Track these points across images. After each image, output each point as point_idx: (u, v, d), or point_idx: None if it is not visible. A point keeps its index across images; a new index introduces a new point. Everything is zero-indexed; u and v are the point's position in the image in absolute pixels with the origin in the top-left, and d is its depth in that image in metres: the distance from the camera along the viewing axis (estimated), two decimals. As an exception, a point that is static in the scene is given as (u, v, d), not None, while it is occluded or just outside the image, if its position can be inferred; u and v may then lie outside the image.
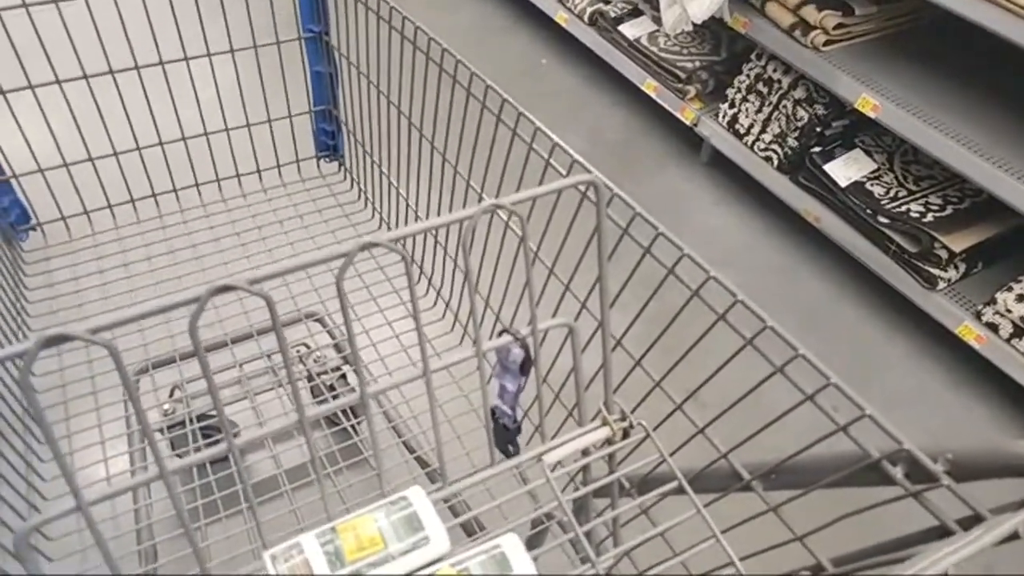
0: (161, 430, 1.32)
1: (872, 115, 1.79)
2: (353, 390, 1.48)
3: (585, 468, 0.70)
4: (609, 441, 0.67)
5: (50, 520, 0.45)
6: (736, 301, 0.61)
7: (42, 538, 0.85)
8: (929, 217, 1.81)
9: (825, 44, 1.91)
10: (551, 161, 0.78)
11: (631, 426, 0.67)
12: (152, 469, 0.51)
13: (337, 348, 1.41)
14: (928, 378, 1.84)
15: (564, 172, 0.78)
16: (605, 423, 0.66)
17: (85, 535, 0.86)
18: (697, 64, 2.31)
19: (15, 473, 0.83)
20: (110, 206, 1.19)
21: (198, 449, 1.27)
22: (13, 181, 1.13)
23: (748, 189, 2.27)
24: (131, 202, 1.21)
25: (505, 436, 0.71)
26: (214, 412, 1.34)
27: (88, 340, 0.42)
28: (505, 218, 0.91)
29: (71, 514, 0.46)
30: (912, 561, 0.43)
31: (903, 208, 1.84)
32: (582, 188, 0.71)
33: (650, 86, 2.40)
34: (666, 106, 2.38)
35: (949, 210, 1.83)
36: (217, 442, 1.18)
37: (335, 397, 1.40)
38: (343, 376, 1.51)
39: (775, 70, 2.10)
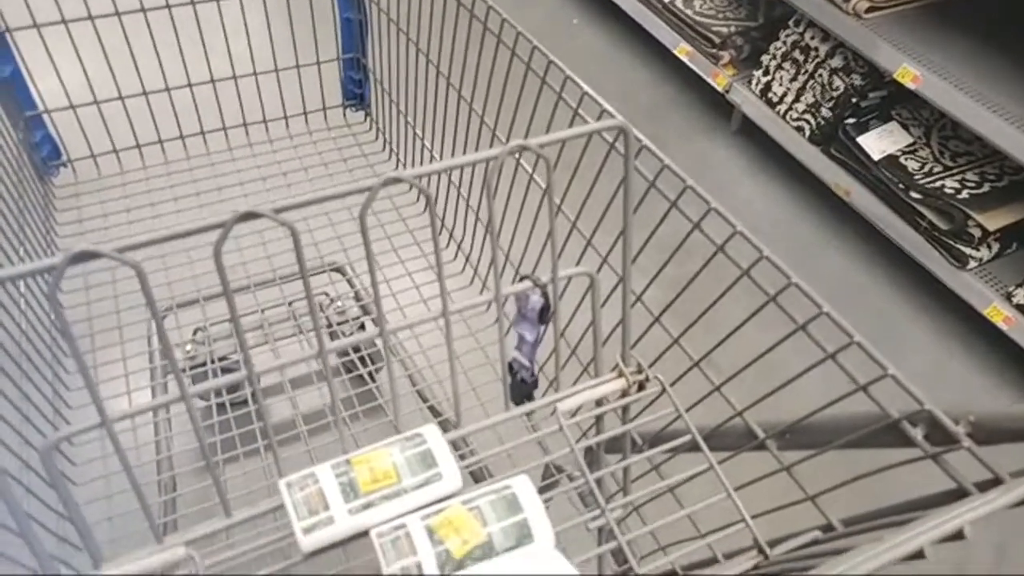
0: (183, 371, 1.34)
1: (912, 86, 1.75)
2: (374, 344, 1.48)
3: (599, 419, 0.70)
4: (624, 393, 0.67)
5: (75, 433, 0.47)
6: (761, 256, 0.61)
7: (67, 464, 0.88)
8: (964, 194, 1.77)
9: (867, 11, 1.86)
10: (580, 111, 0.77)
11: (647, 379, 0.67)
12: (174, 393, 0.52)
13: (357, 298, 1.42)
14: (952, 359, 1.82)
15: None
16: (621, 375, 0.66)
17: (108, 462, 0.89)
18: (732, 29, 2.26)
19: (43, 398, 0.85)
20: (139, 146, 1.20)
21: (219, 392, 1.29)
22: (45, 116, 1.14)
23: (777, 159, 2.24)
24: (159, 143, 1.21)
25: (522, 390, 0.71)
26: (235, 355, 1.36)
27: (115, 258, 0.43)
28: (530, 168, 0.90)
29: (95, 429, 0.47)
30: (927, 518, 0.43)
31: (937, 184, 1.81)
32: (611, 135, 0.70)
33: (683, 50, 2.36)
34: (698, 71, 2.34)
35: (986, 187, 1.79)
36: (238, 386, 1.20)
37: (356, 348, 1.41)
38: (362, 326, 1.52)
39: (813, 37, 2.05)
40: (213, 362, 1.31)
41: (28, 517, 0.45)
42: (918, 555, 0.42)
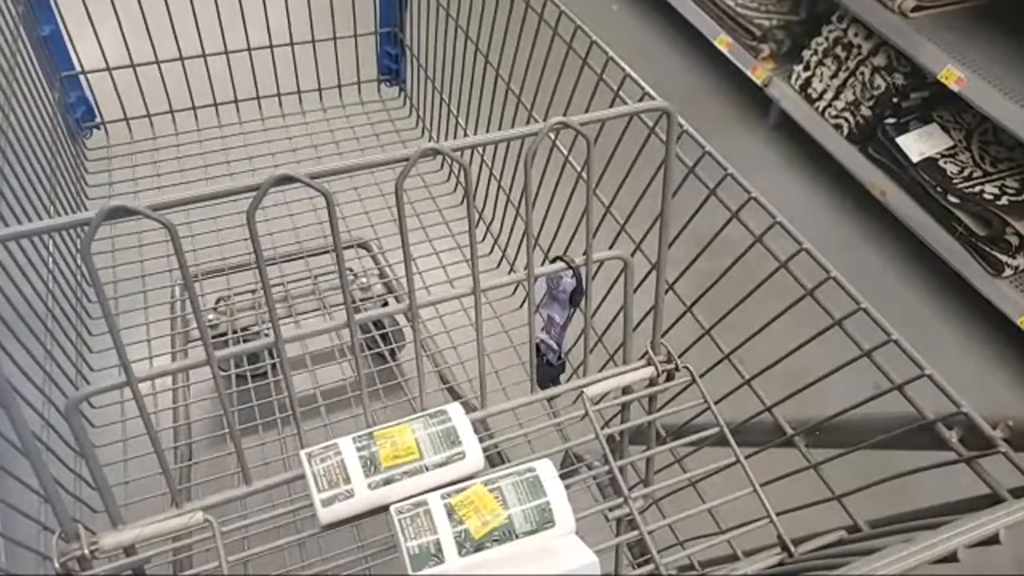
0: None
1: (956, 88, 1.70)
2: (396, 323, 1.47)
3: (624, 407, 0.69)
4: (652, 382, 0.66)
5: (101, 390, 0.46)
6: (801, 249, 0.59)
7: (86, 426, 0.88)
8: (1004, 200, 1.73)
9: (914, 10, 1.82)
10: (620, 93, 0.75)
11: (676, 369, 0.65)
12: (198, 359, 0.52)
13: (382, 275, 1.42)
14: (982, 367, 1.79)
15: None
16: (650, 363, 0.65)
17: (127, 427, 0.89)
18: (774, 22, 2.22)
19: (66, 358, 0.85)
20: (172, 111, 1.20)
21: (239, 364, 1.29)
22: (81, 77, 1.14)
23: (814, 157, 2.20)
24: (192, 109, 1.21)
25: (548, 373, 0.70)
26: (256, 327, 1.36)
27: (149, 216, 0.42)
28: (565, 149, 0.89)
29: (119, 388, 0.47)
30: (961, 521, 0.42)
31: (976, 189, 1.77)
32: (651, 119, 0.69)
33: (723, 41, 2.32)
34: (738, 64, 2.31)
35: (1026, 195, 1.75)
36: (256, 357, 1.19)
37: (377, 326, 1.41)
38: (385, 304, 1.52)
39: (856, 34, 2.01)
40: (235, 332, 1.31)
41: (54, 481, 0.45)
42: (951, 558, 0.41)
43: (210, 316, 1.36)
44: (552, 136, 0.87)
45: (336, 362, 1.11)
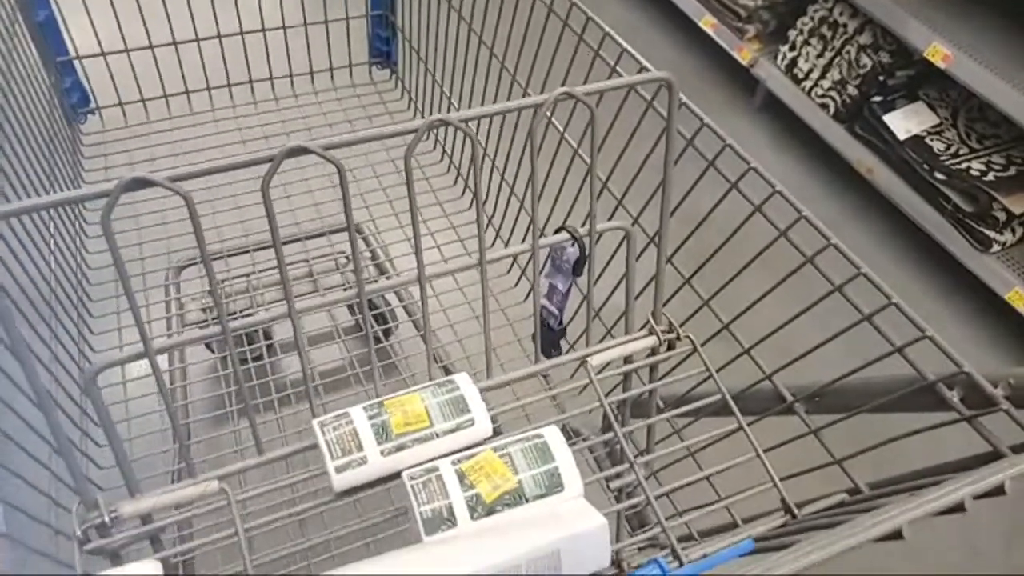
0: (204, 323, 1.34)
1: (942, 65, 1.72)
2: (388, 304, 1.47)
3: (627, 376, 0.70)
4: (654, 351, 0.67)
5: (117, 362, 0.47)
6: (800, 216, 0.60)
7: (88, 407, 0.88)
8: (990, 176, 1.75)
9: (899, -12, 1.84)
10: (617, 68, 0.76)
11: (678, 338, 0.67)
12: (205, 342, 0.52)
13: (374, 257, 1.42)
14: (971, 344, 1.81)
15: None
16: (652, 332, 0.66)
17: (129, 406, 0.89)
18: (759, 2, 2.22)
19: (69, 339, 0.85)
20: (166, 96, 1.20)
21: (239, 344, 1.28)
22: (76, 63, 1.14)
23: (800, 136, 2.22)
24: (186, 94, 1.21)
25: (549, 337, 0.71)
26: (251, 310, 1.37)
27: (167, 187, 0.43)
28: (561, 126, 0.89)
29: (136, 360, 0.47)
30: (965, 476, 0.43)
31: (963, 165, 1.79)
32: (649, 93, 0.69)
33: (708, 23, 2.33)
34: (723, 45, 2.31)
35: (1012, 171, 1.77)
36: (252, 340, 1.19)
37: (372, 306, 1.41)
38: (380, 287, 1.52)
39: (841, 13, 2.02)
40: (232, 315, 1.31)
41: (70, 442, 0.45)
42: (958, 508, 0.42)
43: (204, 302, 1.36)
44: (549, 114, 0.88)
45: (329, 343, 1.11)
